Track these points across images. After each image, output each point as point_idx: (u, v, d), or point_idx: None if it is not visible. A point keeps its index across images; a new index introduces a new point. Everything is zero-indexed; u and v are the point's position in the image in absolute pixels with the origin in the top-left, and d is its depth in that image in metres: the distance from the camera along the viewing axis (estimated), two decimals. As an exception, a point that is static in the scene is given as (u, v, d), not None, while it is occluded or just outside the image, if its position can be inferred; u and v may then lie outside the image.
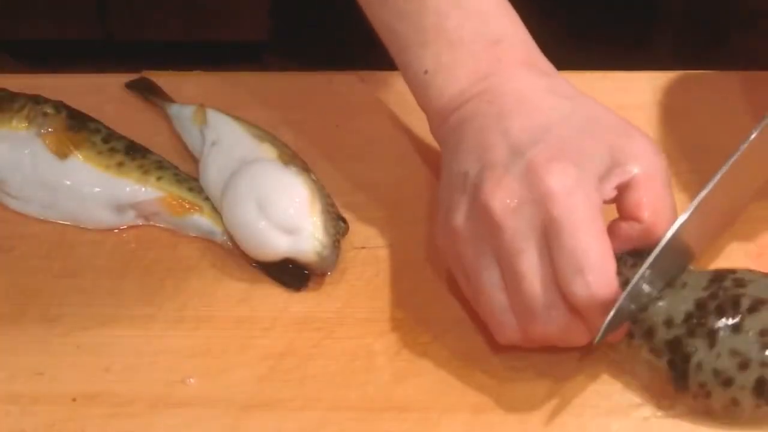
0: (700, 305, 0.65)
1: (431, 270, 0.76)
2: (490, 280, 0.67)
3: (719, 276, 0.67)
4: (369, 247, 0.77)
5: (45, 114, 0.80)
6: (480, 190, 0.66)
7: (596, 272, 0.64)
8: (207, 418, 0.69)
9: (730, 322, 0.64)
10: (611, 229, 0.67)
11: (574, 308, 0.65)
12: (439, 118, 0.72)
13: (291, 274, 0.75)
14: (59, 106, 0.81)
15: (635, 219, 0.67)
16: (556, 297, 0.65)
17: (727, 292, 0.65)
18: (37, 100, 0.81)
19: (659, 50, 0.97)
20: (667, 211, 0.67)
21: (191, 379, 0.71)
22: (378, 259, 0.76)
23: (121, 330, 0.73)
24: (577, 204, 0.64)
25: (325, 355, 0.72)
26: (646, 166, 0.67)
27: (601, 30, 0.94)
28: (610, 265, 0.65)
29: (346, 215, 0.77)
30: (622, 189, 0.67)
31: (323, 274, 0.75)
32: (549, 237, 0.65)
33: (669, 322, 0.66)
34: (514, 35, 0.72)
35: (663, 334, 0.66)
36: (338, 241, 0.75)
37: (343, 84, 0.87)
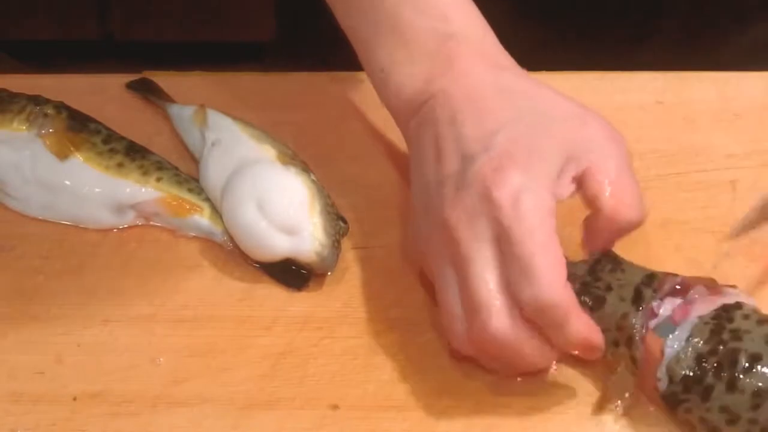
0: (699, 360, 0.64)
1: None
2: (448, 289, 0.67)
3: (718, 328, 0.65)
4: (369, 247, 0.77)
5: (45, 115, 0.80)
6: (439, 203, 0.67)
7: (542, 280, 0.63)
8: (207, 417, 0.69)
9: (726, 379, 0.63)
10: (586, 226, 0.67)
11: (529, 321, 0.65)
12: (401, 117, 0.73)
13: (291, 274, 0.75)
14: (60, 106, 0.81)
15: (597, 208, 0.66)
16: (508, 306, 0.65)
17: (726, 345, 0.64)
18: (37, 100, 0.81)
19: (659, 50, 0.97)
20: (628, 195, 0.66)
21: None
22: (378, 259, 0.76)
23: (121, 330, 0.73)
24: (524, 212, 0.64)
25: (325, 354, 0.72)
26: (599, 152, 0.67)
27: (601, 30, 0.94)
28: (557, 273, 0.64)
29: (346, 215, 0.77)
30: (580, 181, 0.67)
31: (323, 274, 0.75)
32: (501, 247, 0.65)
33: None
34: (469, 29, 0.72)
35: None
36: (338, 241, 0.75)
37: (343, 84, 0.87)
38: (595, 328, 0.66)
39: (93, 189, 0.78)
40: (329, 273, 0.75)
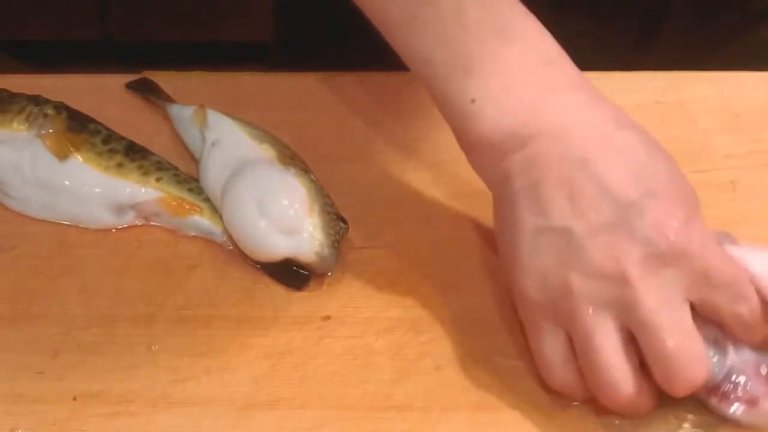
0: None
1: (431, 270, 0.76)
2: (609, 344, 0.64)
3: None
4: (369, 247, 0.77)
5: (45, 115, 0.80)
6: (604, 252, 0.63)
7: (749, 286, 0.65)
8: (207, 417, 0.69)
9: None
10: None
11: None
12: (494, 154, 0.67)
13: (291, 274, 0.75)
14: (59, 107, 0.81)
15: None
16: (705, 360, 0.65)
17: None
18: (37, 100, 0.81)
19: (660, 51, 0.97)
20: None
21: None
22: (378, 259, 0.76)
23: (121, 330, 0.73)
24: (718, 255, 0.64)
25: (325, 354, 0.72)
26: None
27: (601, 31, 0.94)
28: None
29: (346, 215, 0.77)
30: None
31: (324, 274, 0.75)
32: (699, 287, 0.64)
33: None
34: (562, 56, 0.68)
35: None
36: (338, 241, 0.75)
37: (343, 84, 0.87)
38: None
39: (93, 189, 0.78)
40: (329, 273, 0.75)
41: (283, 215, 0.74)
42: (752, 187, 0.79)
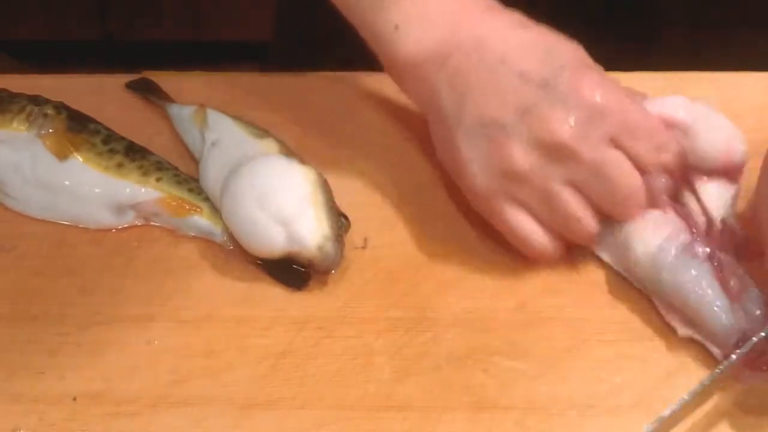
0: None
1: (431, 270, 0.76)
2: (569, 197, 0.73)
3: None
4: (369, 247, 0.77)
5: (45, 115, 0.80)
6: (538, 128, 0.71)
7: (669, 137, 0.74)
8: (207, 417, 0.69)
9: None
10: None
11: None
12: (419, 74, 0.75)
13: (292, 273, 0.75)
14: (59, 107, 0.81)
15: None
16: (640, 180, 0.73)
17: None
18: (37, 100, 0.81)
19: (660, 51, 0.97)
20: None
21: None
22: (378, 259, 0.76)
23: (121, 330, 0.73)
24: (632, 106, 0.73)
25: (325, 354, 0.72)
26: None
27: (602, 32, 0.94)
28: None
29: (347, 215, 0.77)
30: None
31: (326, 272, 0.75)
32: (622, 137, 0.72)
33: None
34: None
35: None
36: (341, 236, 0.75)
37: (343, 84, 0.87)
38: None
39: (93, 189, 0.78)
40: (332, 271, 0.75)
41: (284, 207, 0.73)
42: (752, 187, 0.79)
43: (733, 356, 0.68)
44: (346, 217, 0.76)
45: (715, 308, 0.69)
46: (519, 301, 0.74)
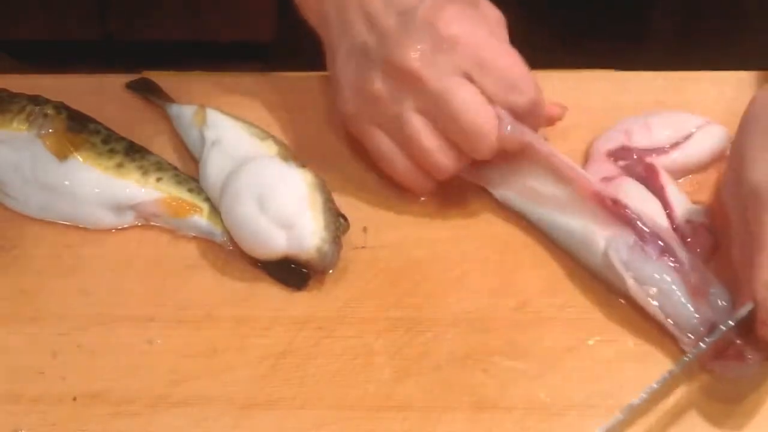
0: None
1: (431, 270, 0.76)
2: (419, 126, 0.74)
3: None
4: (369, 247, 0.77)
5: (45, 115, 0.80)
6: (391, 53, 0.74)
7: (526, 80, 0.74)
8: (207, 417, 0.69)
9: None
10: None
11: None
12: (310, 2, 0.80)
13: (291, 273, 0.75)
14: (59, 107, 0.81)
15: None
16: (493, 115, 0.73)
17: None
18: (37, 100, 0.81)
19: (659, 51, 0.97)
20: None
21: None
22: (378, 259, 0.76)
23: (121, 330, 0.73)
24: (490, 44, 0.74)
25: (325, 354, 0.72)
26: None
27: (600, 30, 0.94)
28: (531, 74, 0.74)
29: (346, 215, 0.77)
30: None
31: (324, 273, 0.75)
32: (472, 72, 0.73)
33: None
34: None
35: None
36: (339, 237, 0.75)
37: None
38: None
39: (93, 189, 0.78)
40: (330, 271, 0.75)
41: (283, 210, 0.74)
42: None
43: (702, 345, 0.68)
44: (345, 218, 0.76)
45: (682, 300, 0.70)
46: (519, 301, 0.74)
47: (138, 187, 0.78)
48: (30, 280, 0.76)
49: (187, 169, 0.81)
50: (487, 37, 0.74)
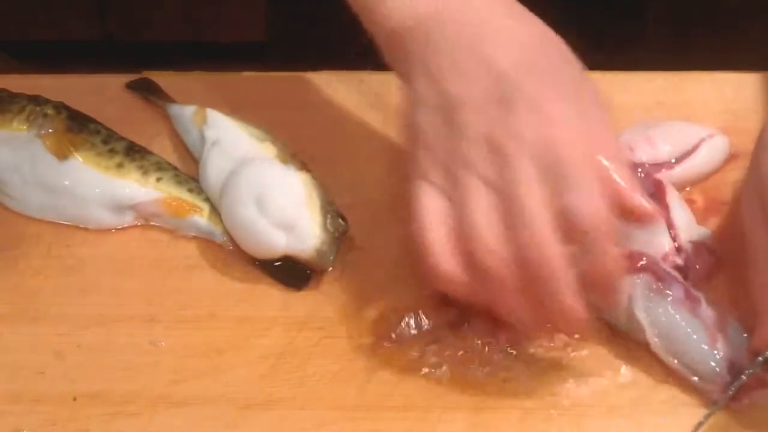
0: None
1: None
2: (483, 204, 0.67)
3: None
4: (369, 247, 0.77)
5: (45, 115, 0.80)
6: (471, 120, 0.67)
7: (594, 197, 0.65)
8: (207, 417, 0.69)
9: None
10: None
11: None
12: (400, 42, 0.73)
13: (291, 273, 0.75)
14: (59, 107, 0.81)
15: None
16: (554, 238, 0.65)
17: None
18: (37, 100, 0.81)
19: (659, 50, 0.97)
20: None
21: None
22: (378, 259, 0.76)
23: (121, 330, 0.73)
24: (576, 134, 0.67)
25: (325, 354, 0.72)
26: None
27: (600, 30, 0.94)
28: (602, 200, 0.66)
29: (346, 215, 0.77)
30: None
31: (323, 271, 0.75)
32: (554, 172, 0.65)
33: None
34: None
35: None
36: (337, 237, 0.75)
37: (343, 84, 0.87)
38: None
39: (93, 189, 0.78)
40: (329, 270, 0.75)
41: (282, 212, 0.74)
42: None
43: (728, 392, 0.67)
44: (344, 218, 0.77)
45: (703, 347, 0.68)
46: (519, 301, 0.74)
47: (138, 187, 0.78)
48: (30, 280, 0.76)
49: (187, 169, 0.81)
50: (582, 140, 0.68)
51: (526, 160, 0.66)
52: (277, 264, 0.75)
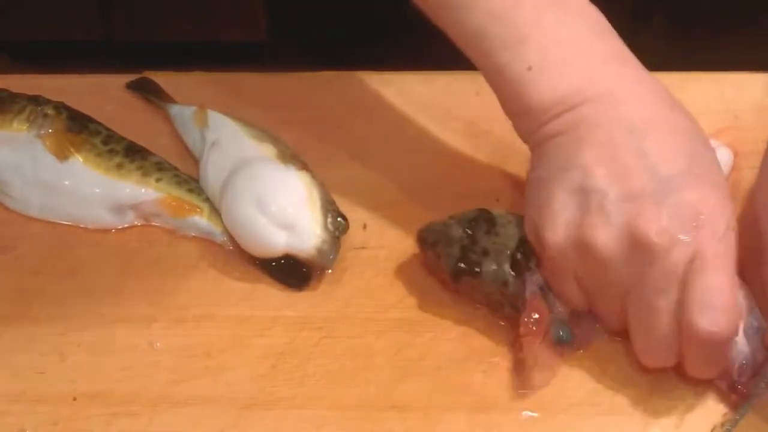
0: None
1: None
2: (614, 306, 0.68)
3: None
4: (369, 247, 0.77)
5: (45, 115, 0.80)
6: (633, 218, 0.65)
7: (724, 311, 0.65)
8: (207, 417, 0.69)
9: None
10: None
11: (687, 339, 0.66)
12: (543, 117, 0.69)
13: (292, 273, 0.75)
14: (60, 107, 0.81)
15: None
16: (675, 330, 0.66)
17: None
18: (37, 101, 0.81)
19: (659, 49, 0.97)
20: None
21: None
22: (378, 259, 0.76)
23: (121, 330, 0.73)
24: (726, 245, 0.66)
25: (325, 354, 0.72)
26: None
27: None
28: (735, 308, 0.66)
29: (347, 215, 0.77)
30: None
31: (323, 271, 0.75)
32: (691, 271, 0.65)
33: None
34: (610, 28, 0.71)
35: None
36: (338, 237, 0.75)
37: (343, 84, 0.87)
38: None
39: (93, 189, 0.78)
40: (329, 270, 0.75)
41: (282, 211, 0.74)
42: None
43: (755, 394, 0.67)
44: (344, 218, 0.76)
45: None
46: (519, 301, 0.74)
47: (138, 188, 0.78)
48: (30, 280, 0.76)
49: (187, 169, 0.81)
50: (729, 244, 0.67)
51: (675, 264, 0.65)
52: (277, 264, 0.75)
